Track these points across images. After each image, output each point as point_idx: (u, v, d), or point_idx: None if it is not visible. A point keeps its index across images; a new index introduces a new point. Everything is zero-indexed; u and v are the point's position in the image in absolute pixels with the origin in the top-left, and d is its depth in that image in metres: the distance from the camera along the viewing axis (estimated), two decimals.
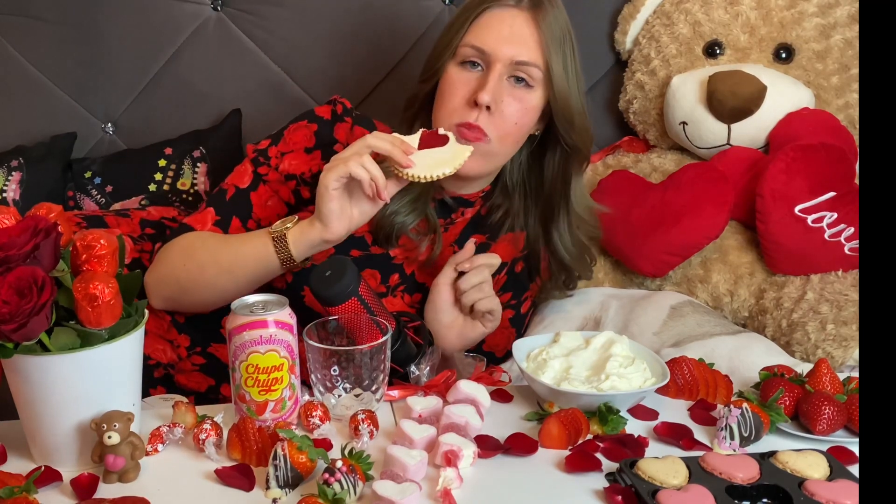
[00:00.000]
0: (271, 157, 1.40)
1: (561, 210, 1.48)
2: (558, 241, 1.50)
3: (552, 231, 1.50)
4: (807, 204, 1.58)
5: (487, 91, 1.32)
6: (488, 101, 1.32)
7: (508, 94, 1.35)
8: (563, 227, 1.49)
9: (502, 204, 1.50)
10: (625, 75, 1.88)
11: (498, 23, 1.35)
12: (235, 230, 1.38)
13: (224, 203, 1.40)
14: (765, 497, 0.98)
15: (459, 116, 1.35)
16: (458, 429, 1.08)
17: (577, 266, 1.54)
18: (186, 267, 1.32)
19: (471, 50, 1.35)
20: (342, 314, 1.22)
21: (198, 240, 1.35)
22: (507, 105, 1.34)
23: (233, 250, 1.30)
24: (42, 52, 1.93)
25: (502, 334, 1.48)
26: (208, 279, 1.31)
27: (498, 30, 1.34)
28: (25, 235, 0.97)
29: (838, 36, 1.73)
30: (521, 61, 1.34)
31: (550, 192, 1.48)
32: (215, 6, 1.93)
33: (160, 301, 1.36)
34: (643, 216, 1.64)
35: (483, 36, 1.35)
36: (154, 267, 1.36)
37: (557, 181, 1.47)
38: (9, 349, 0.97)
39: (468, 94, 1.34)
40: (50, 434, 1.03)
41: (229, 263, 1.29)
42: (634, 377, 1.18)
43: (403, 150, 1.22)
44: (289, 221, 1.27)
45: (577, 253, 1.52)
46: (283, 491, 0.98)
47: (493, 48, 1.34)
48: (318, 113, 1.44)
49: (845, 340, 1.43)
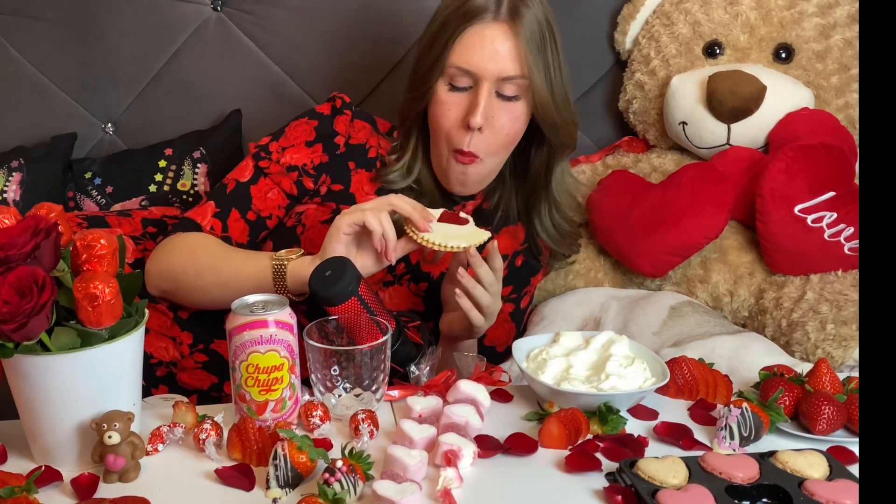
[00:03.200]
0: (272, 152, 1.43)
1: (541, 196, 1.53)
2: (538, 227, 1.54)
3: (533, 216, 1.54)
4: (806, 204, 1.58)
5: (478, 113, 1.35)
6: (480, 123, 1.36)
7: (499, 109, 1.38)
8: (543, 212, 1.54)
9: (501, 200, 1.53)
10: (625, 75, 1.88)
11: (479, 40, 1.36)
12: (235, 221, 1.40)
13: (224, 196, 1.43)
14: (765, 497, 0.98)
15: (454, 143, 1.39)
16: (458, 429, 1.08)
17: (561, 247, 1.59)
18: (186, 269, 1.35)
19: (456, 72, 1.37)
20: (342, 314, 1.22)
21: (202, 244, 1.37)
22: (498, 120, 1.38)
23: (233, 266, 1.33)
24: (42, 52, 1.93)
25: (503, 328, 1.50)
26: (204, 286, 1.34)
27: (480, 49, 1.36)
28: (26, 235, 0.97)
29: (838, 36, 1.73)
30: (507, 76, 1.36)
31: (534, 179, 1.52)
32: (215, 6, 1.93)
33: (156, 291, 1.40)
34: (643, 216, 1.64)
35: (467, 56, 1.36)
36: (157, 258, 1.38)
37: (541, 170, 1.52)
38: (9, 349, 0.97)
39: (460, 116, 1.38)
40: (50, 434, 1.03)
41: (227, 277, 1.32)
42: (634, 377, 1.18)
43: (424, 216, 1.25)
44: (293, 253, 1.29)
45: (559, 236, 1.57)
46: (283, 491, 0.98)
47: (478, 67, 1.36)
48: (319, 110, 1.48)
49: (845, 340, 1.43)
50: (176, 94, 1.94)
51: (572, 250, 1.65)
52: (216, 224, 1.40)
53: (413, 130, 1.47)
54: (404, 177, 1.47)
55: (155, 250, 1.40)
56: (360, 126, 1.48)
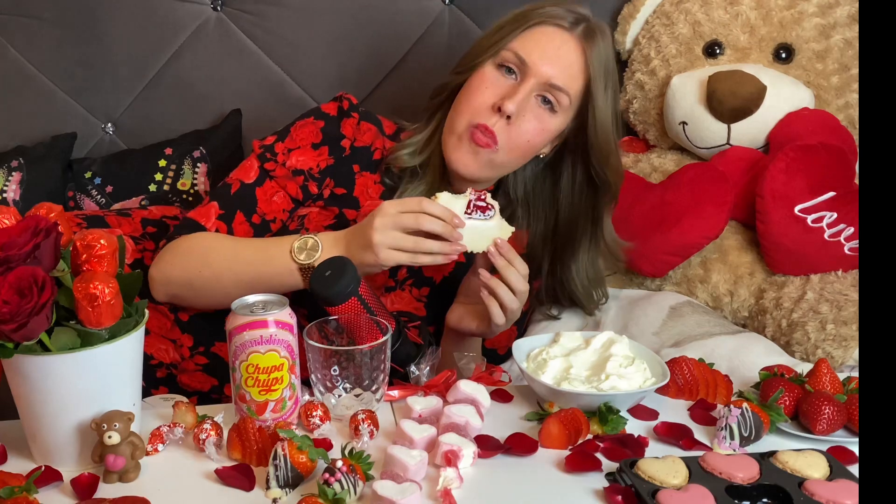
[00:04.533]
0: (278, 153, 1.41)
1: (582, 243, 1.49)
2: (575, 274, 1.50)
3: (569, 262, 1.50)
4: (807, 204, 1.59)
5: (514, 101, 1.34)
6: (512, 110, 1.34)
7: (531, 111, 1.36)
8: (582, 260, 1.50)
9: (505, 209, 1.49)
10: (625, 75, 1.88)
11: (547, 40, 1.36)
12: (240, 224, 1.39)
13: (228, 197, 1.40)
14: (765, 497, 0.98)
15: (479, 117, 1.36)
16: (458, 429, 1.08)
17: (587, 301, 1.55)
18: (202, 274, 1.32)
19: (513, 56, 1.36)
20: (342, 314, 1.22)
21: (213, 245, 1.34)
22: (527, 121, 1.36)
23: (254, 269, 1.31)
24: (42, 52, 1.93)
25: (504, 332, 1.48)
26: (224, 288, 1.31)
27: (545, 47, 1.36)
28: (26, 235, 0.97)
29: (838, 36, 1.73)
30: (556, 84, 1.35)
31: (570, 222, 1.49)
32: (215, 6, 1.93)
33: (164, 296, 1.37)
34: (643, 216, 1.64)
35: (529, 48, 1.36)
36: (163, 264, 1.35)
37: (581, 214, 1.48)
38: (9, 349, 0.97)
39: (495, 97, 1.36)
40: (50, 434, 1.03)
41: (251, 279, 1.29)
42: (634, 377, 1.18)
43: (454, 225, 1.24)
44: (314, 251, 1.27)
45: (591, 287, 1.53)
46: (283, 491, 0.98)
47: (534, 62, 1.35)
48: (325, 110, 1.45)
49: (845, 340, 1.43)
50: (176, 94, 1.95)
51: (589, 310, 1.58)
52: (221, 227, 1.38)
53: (437, 112, 1.45)
54: (414, 155, 1.44)
55: (159, 255, 1.36)
56: (367, 128, 1.46)
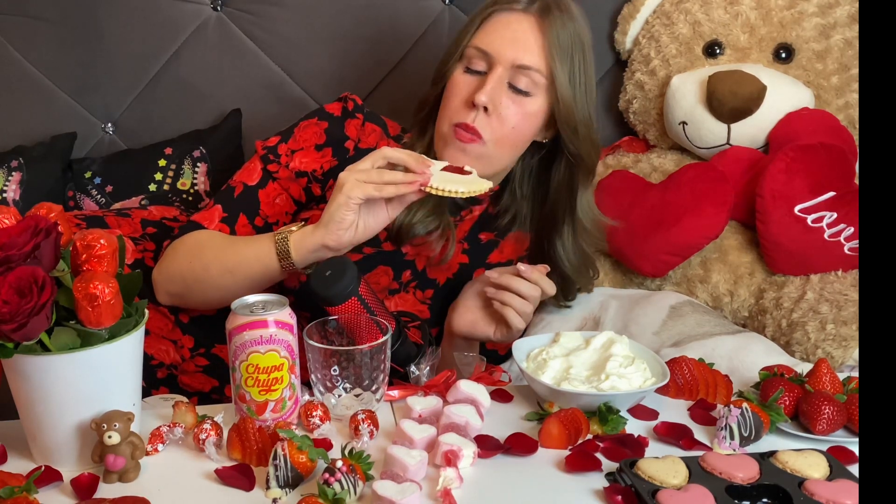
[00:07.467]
0: (281, 155, 1.40)
1: (565, 220, 1.48)
2: (561, 251, 1.49)
3: (555, 240, 1.49)
4: (806, 204, 1.58)
5: (484, 92, 1.33)
6: (485, 101, 1.33)
7: (507, 98, 1.35)
8: (566, 237, 1.49)
9: (510, 208, 1.51)
10: (625, 75, 1.88)
11: (503, 26, 1.36)
12: (242, 227, 1.38)
13: (232, 200, 1.40)
14: (765, 497, 0.98)
15: (458, 116, 1.36)
16: (458, 429, 1.08)
17: (579, 278, 1.54)
18: (192, 266, 1.33)
19: (475, 52, 1.37)
20: (342, 314, 1.22)
21: (205, 239, 1.35)
22: (505, 108, 1.35)
23: (237, 251, 1.31)
24: (42, 52, 1.93)
25: None
26: (212, 279, 1.31)
27: (502, 33, 1.36)
28: (26, 235, 0.97)
29: (838, 36, 1.73)
30: (523, 65, 1.35)
31: (555, 201, 1.49)
32: (215, 6, 1.93)
33: (166, 297, 1.37)
34: (643, 216, 1.64)
35: (488, 38, 1.36)
36: (162, 263, 1.36)
37: (562, 190, 1.47)
38: (9, 349, 0.97)
39: (468, 95, 1.36)
40: (50, 434, 1.03)
41: (233, 264, 1.29)
42: (634, 377, 1.18)
43: (420, 161, 1.22)
44: (294, 225, 1.27)
45: (579, 264, 1.52)
46: (283, 491, 0.98)
47: (495, 50, 1.35)
48: (329, 110, 1.44)
49: (845, 340, 1.43)
50: (176, 94, 1.94)
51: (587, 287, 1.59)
52: (224, 229, 1.38)
53: (428, 123, 1.45)
54: None
55: (160, 258, 1.38)
56: (371, 129, 1.45)
